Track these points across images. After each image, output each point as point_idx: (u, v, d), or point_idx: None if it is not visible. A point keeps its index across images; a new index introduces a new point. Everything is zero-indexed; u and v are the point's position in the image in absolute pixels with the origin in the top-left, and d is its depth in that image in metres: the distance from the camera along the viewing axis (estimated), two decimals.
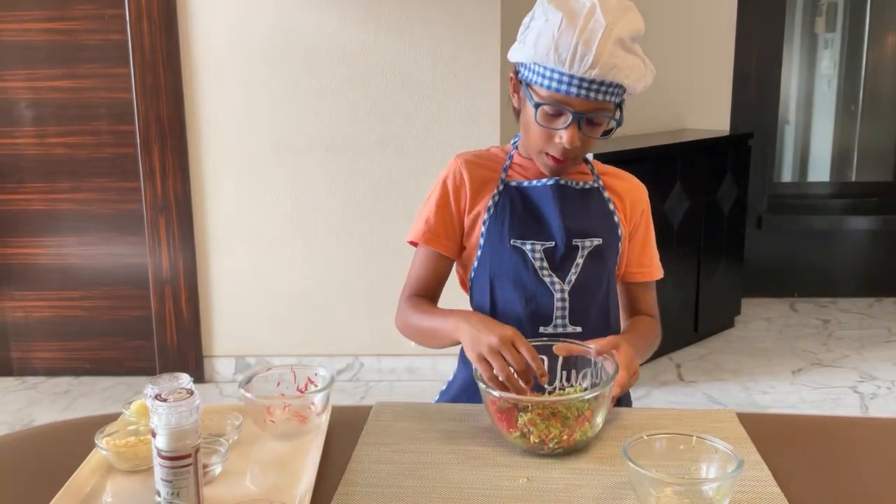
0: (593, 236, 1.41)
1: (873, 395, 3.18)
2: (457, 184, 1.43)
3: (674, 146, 3.48)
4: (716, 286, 3.74)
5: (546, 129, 1.33)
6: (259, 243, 3.22)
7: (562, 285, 1.39)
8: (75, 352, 3.37)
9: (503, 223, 1.39)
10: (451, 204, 1.43)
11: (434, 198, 1.44)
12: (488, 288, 1.42)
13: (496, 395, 1.15)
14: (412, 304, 1.43)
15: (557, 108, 1.31)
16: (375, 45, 3.07)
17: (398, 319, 1.46)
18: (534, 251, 1.38)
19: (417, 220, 1.46)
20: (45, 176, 3.24)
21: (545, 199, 1.40)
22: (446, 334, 1.32)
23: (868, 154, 4.57)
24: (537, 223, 1.40)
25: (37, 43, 3.14)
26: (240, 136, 3.13)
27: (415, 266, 1.47)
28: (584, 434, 1.13)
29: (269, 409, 1.19)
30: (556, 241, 1.39)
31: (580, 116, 1.30)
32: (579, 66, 1.26)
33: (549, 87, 1.30)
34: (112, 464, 1.10)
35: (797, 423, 1.32)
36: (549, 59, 1.28)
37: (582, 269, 1.40)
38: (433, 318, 1.38)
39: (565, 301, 1.39)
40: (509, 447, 1.16)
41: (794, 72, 4.56)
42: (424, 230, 1.43)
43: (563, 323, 1.40)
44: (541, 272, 1.39)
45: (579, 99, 1.29)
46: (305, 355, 3.24)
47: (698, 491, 0.97)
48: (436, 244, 1.43)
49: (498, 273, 1.41)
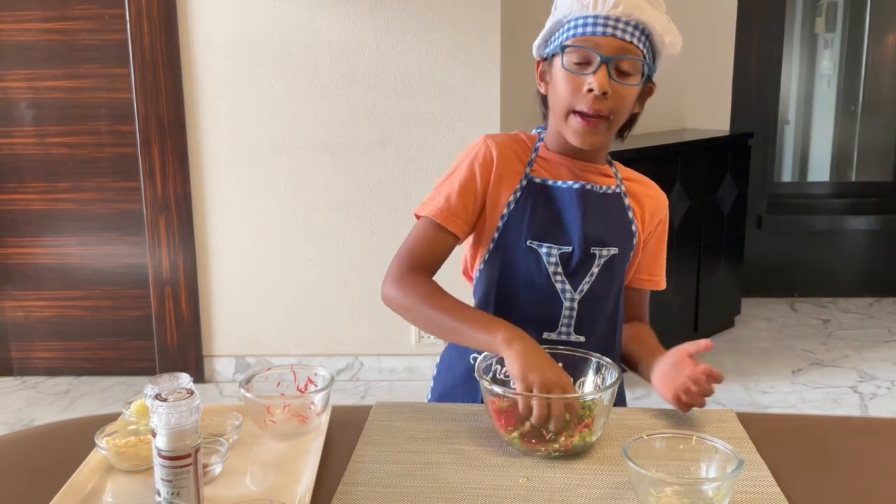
0: (611, 245, 1.36)
1: (873, 395, 3.18)
2: (485, 167, 1.36)
3: (674, 146, 3.48)
4: (716, 286, 3.74)
5: (575, 75, 1.29)
6: (259, 243, 3.22)
7: (573, 294, 1.35)
8: (75, 352, 3.37)
9: (522, 221, 1.34)
10: (477, 186, 1.36)
11: (459, 177, 1.36)
12: (495, 285, 1.37)
13: (499, 391, 1.15)
14: (428, 287, 1.32)
15: (584, 49, 1.28)
16: (376, 45, 3.07)
17: (395, 291, 1.32)
18: (549, 255, 1.34)
19: (435, 195, 1.37)
20: (45, 176, 3.24)
21: (568, 202, 1.35)
22: (484, 342, 1.23)
23: (868, 154, 4.58)
24: (557, 226, 1.34)
25: (37, 43, 3.14)
26: (240, 136, 3.13)
27: (420, 239, 1.36)
28: (583, 439, 1.13)
29: (269, 409, 1.18)
30: (573, 247, 1.34)
31: (608, 59, 1.27)
32: (603, 6, 1.27)
33: (574, 34, 1.29)
34: (112, 464, 1.10)
35: (797, 423, 1.32)
36: (573, 9, 1.29)
37: (596, 279, 1.36)
38: (468, 318, 1.28)
39: (574, 310, 1.36)
40: (509, 447, 1.16)
41: (794, 72, 4.56)
42: (444, 208, 1.34)
43: (567, 331, 1.37)
44: (553, 277, 1.34)
45: (605, 38, 1.27)
46: (305, 355, 3.24)
47: (698, 491, 0.97)
48: (452, 224, 1.35)
49: (509, 272, 1.36)
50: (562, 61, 1.30)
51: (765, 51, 4.15)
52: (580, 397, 1.16)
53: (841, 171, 4.67)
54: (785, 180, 4.66)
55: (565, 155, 1.39)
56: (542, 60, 1.39)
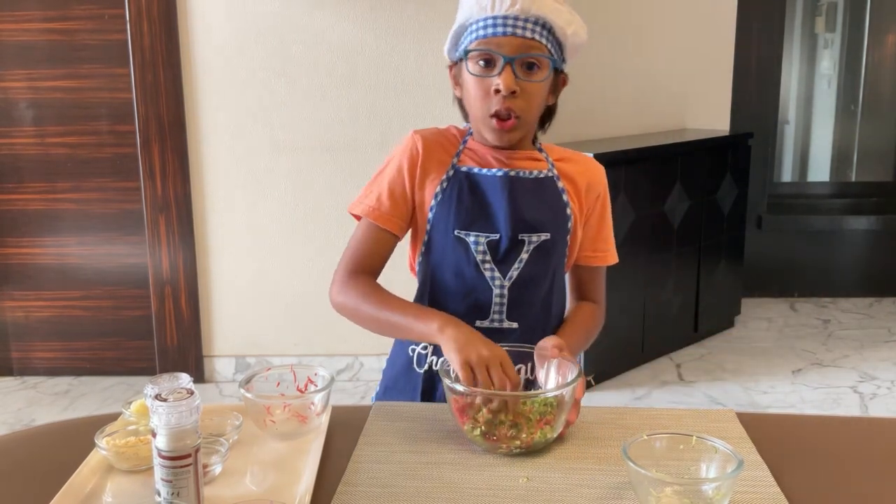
0: (541, 231, 1.37)
1: (873, 395, 3.18)
2: (412, 162, 1.38)
3: (674, 146, 3.48)
4: (716, 286, 3.74)
5: (482, 78, 1.32)
6: (259, 243, 3.22)
7: (502, 281, 1.36)
8: (75, 352, 3.37)
9: (449, 212, 1.36)
10: (405, 182, 1.38)
11: (388, 174, 1.40)
12: (430, 277, 1.40)
13: (461, 390, 1.15)
14: (368, 287, 1.36)
15: (487, 51, 1.31)
16: (376, 45, 3.07)
17: (340, 296, 1.37)
18: (477, 243, 1.35)
19: (366, 194, 1.40)
20: (45, 176, 3.24)
21: (494, 190, 1.36)
22: (420, 332, 1.29)
23: (868, 154, 4.57)
24: (483, 214, 1.36)
25: (37, 43, 3.14)
26: (240, 136, 3.13)
27: (359, 241, 1.40)
28: (545, 436, 1.14)
29: (269, 409, 1.18)
30: (500, 234, 1.35)
31: (511, 58, 1.29)
32: (500, 6, 1.29)
33: (477, 37, 1.32)
34: (112, 464, 1.10)
35: (797, 423, 1.32)
36: (473, 13, 1.32)
37: (526, 265, 1.37)
38: (405, 312, 1.32)
39: (504, 297, 1.37)
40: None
41: (794, 72, 4.56)
42: (376, 207, 1.38)
43: (500, 318, 1.38)
44: (482, 265, 1.36)
45: (507, 37, 1.29)
46: (305, 355, 3.24)
47: (698, 491, 0.97)
48: (385, 222, 1.38)
49: (440, 263, 1.38)
50: (467, 66, 1.33)
51: (765, 51, 4.15)
52: (542, 394, 1.16)
53: (841, 171, 4.67)
54: (785, 180, 4.66)
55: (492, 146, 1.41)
56: (454, 64, 1.42)
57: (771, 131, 4.26)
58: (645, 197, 3.30)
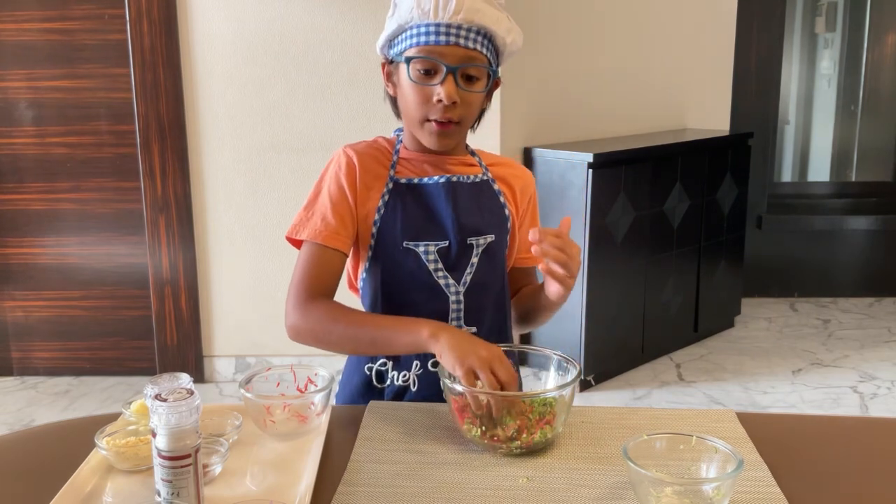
0: (486, 233, 1.38)
1: (873, 395, 3.18)
2: (350, 177, 1.36)
3: (674, 146, 3.48)
4: (716, 286, 3.74)
5: (422, 86, 1.31)
6: (259, 243, 3.22)
7: (457, 287, 1.36)
8: (75, 352, 3.37)
9: (395, 224, 1.35)
10: (348, 198, 1.36)
11: (328, 193, 1.36)
12: (380, 291, 1.37)
13: (461, 389, 1.15)
14: (333, 308, 1.31)
15: (429, 60, 1.30)
16: (376, 45, 3.07)
17: (302, 322, 1.30)
18: (427, 252, 1.35)
19: (307, 217, 1.36)
20: (45, 176, 3.24)
21: (438, 197, 1.36)
22: (407, 343, 1.25)
23: (868, 154, 4.58)
24: (430, 223, 1.36)
25: (36, 43, 3.14)
26: (240, 136, 3.13)
27: (309, 265, 1.34)
28: (545, 435, 1.14)
29: (269, 409, 1.18)
30: (450, 241, 1.35)
31: (454, 68, 1.29)
32: (444, 13, 1.27)
33: (418, 42, 1.30)
34: (112, 464, 1.10)
35: (797, 423, 1.32)
36: (413, 16, 1.29)
37: (477, 269, 1.38)
38: (384, 325, 1.28)
39: (461, 303, 1.37)
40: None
41: (794, 72, 4.56)
42: (322, 228, 1.34)
43: (458, 324, 1.37)
44: (435, 274, 1.35)
45: (449, 47, 1.28)
46: (305, 355, 3.24)
47: (698, 491, 0.97)
48: (333, 241, 1.34)
49: (391, 276, 1.36)
50: (408, 72, 1.32)
51: (765, 51, 4.15)
52: (542, 394, 1.17)
53: (841, 171, 4.68)
54: (785, 180, 4.67)
55: (425, 153, 1.40)
56: (388, 62, 1.40)
57: (771, 131, 4.26)
58: (645, 197, 3.30)
